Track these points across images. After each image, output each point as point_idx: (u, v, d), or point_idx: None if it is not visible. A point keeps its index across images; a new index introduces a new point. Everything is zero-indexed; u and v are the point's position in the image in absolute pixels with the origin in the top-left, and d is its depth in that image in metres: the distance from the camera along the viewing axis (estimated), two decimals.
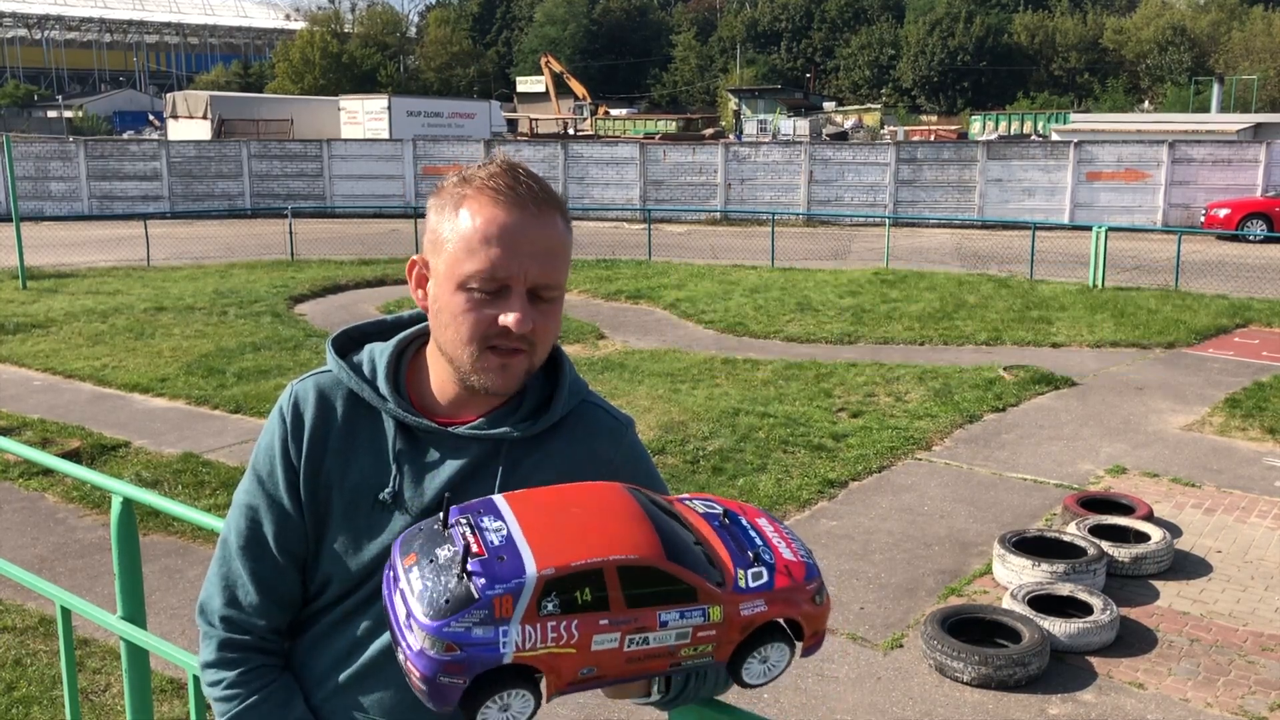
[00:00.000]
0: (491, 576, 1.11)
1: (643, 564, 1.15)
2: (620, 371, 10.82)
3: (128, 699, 2.53)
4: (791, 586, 1.22)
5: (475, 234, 1.39)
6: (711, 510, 1.33)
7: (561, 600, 1.12)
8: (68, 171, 28.06)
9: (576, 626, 1.12)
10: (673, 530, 1.23)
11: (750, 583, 1.21)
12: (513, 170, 1.43)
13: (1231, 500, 7.38)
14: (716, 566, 1.22)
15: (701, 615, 1.17)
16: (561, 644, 1.12)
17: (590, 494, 1.26)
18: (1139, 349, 12.37)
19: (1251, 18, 65.80)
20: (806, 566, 1.26)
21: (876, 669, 5.08)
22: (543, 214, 1.41)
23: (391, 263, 18.85)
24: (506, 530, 1.17)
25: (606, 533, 1.17)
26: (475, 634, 1.09)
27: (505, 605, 1.10)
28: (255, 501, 1.52)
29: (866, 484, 7.69)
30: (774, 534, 1.31)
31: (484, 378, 1.44)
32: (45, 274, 17.48)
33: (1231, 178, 25.52)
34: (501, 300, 1.40)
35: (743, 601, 1.19)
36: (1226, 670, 5.05)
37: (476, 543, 1.15)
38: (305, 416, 1.51)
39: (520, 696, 1.13)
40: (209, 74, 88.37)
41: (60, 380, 10.52)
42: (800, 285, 16.66)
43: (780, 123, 52.84)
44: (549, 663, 1.12)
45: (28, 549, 6.31)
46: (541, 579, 1.11)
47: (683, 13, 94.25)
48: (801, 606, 1.23)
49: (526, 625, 1.11)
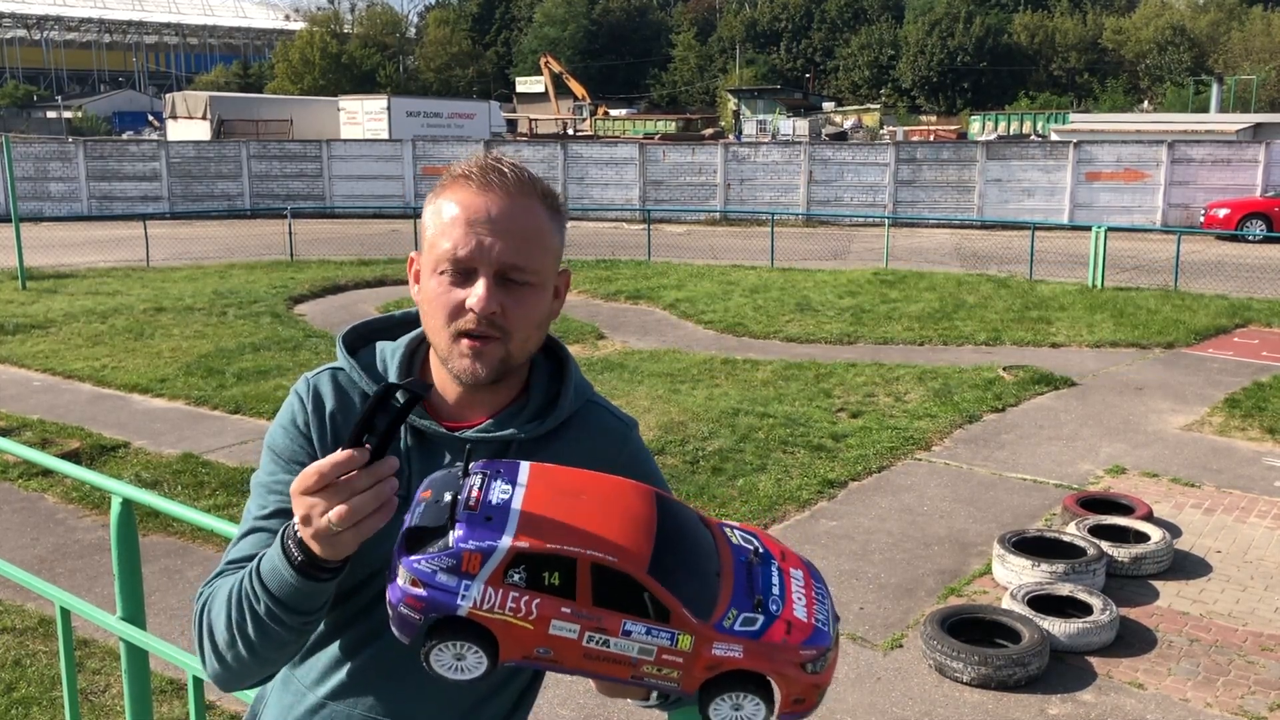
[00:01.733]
0: (471, 531, 1.14)
1: (617, 569, 1.14)
2: (620, 372, 10.82)
3: (127, 699, 2.53)
4: (780, 644, 1.17)
5: (445, 219, 1.41)
6: (746, 545, 1.29)
7: (528, 575, 1.13)
8: (67, 172, 28.06)
9: (537, 605, 1.13)
10: (681, 550, 1.21)
11: (737, 626, 1.17)
12: (492, 160, 1.44)
13: (1231, 500, 7.38)
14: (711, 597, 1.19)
15: (669, 638, 1.15)
16: (519, 616, 1.13)
17: (613, 489, 1.25)
18: (1138, 349, 12.37)
19: (1251, 18, 65.82)
20: (814, 631, 1.19)
21: (876, 669, 5.08)
22: (516, 198, 1.41)
23: (391, 263, 18.85)
24: (511, 496, 1.18)
25: (600, 529, 1.16)
26: (439, 578, 1.13)
27: (473, 562, 1.13)
28: (279, 476, 1.48)
29: (866, 484, 7.69)
30: (800, 589, 1.25)
31: (458, 365, 1.44)
32: (45, 274, 17.47)
33: (1231, 178, 25.52)
34: (470, 283, 1.40)
35: (718, 641, 1.16)
36: (1226, 670, 5.05)
37: (477, 496, 1.18)
38: (326, 402, 1.51)
39: (473, 651, 1.15)
40: (208, 74, 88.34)
41: (60, 381, 10.52)
42: (800, 285, 16.67)
43: (780, 123, 52.84)
44: (504, 629, 1.14)
45: (27, 549, 6.31)
46: (513, 549, 1.13)
47: (682, 13, 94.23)
48: (784, 668, 1.17)
49: (489, 587, 1.13)
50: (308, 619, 1.34)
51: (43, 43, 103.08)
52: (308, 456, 1.48)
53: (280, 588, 1.30)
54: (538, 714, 1.18)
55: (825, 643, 1.20)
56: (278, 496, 1.47)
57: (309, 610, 1.33)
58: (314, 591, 1.30)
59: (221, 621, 1.38)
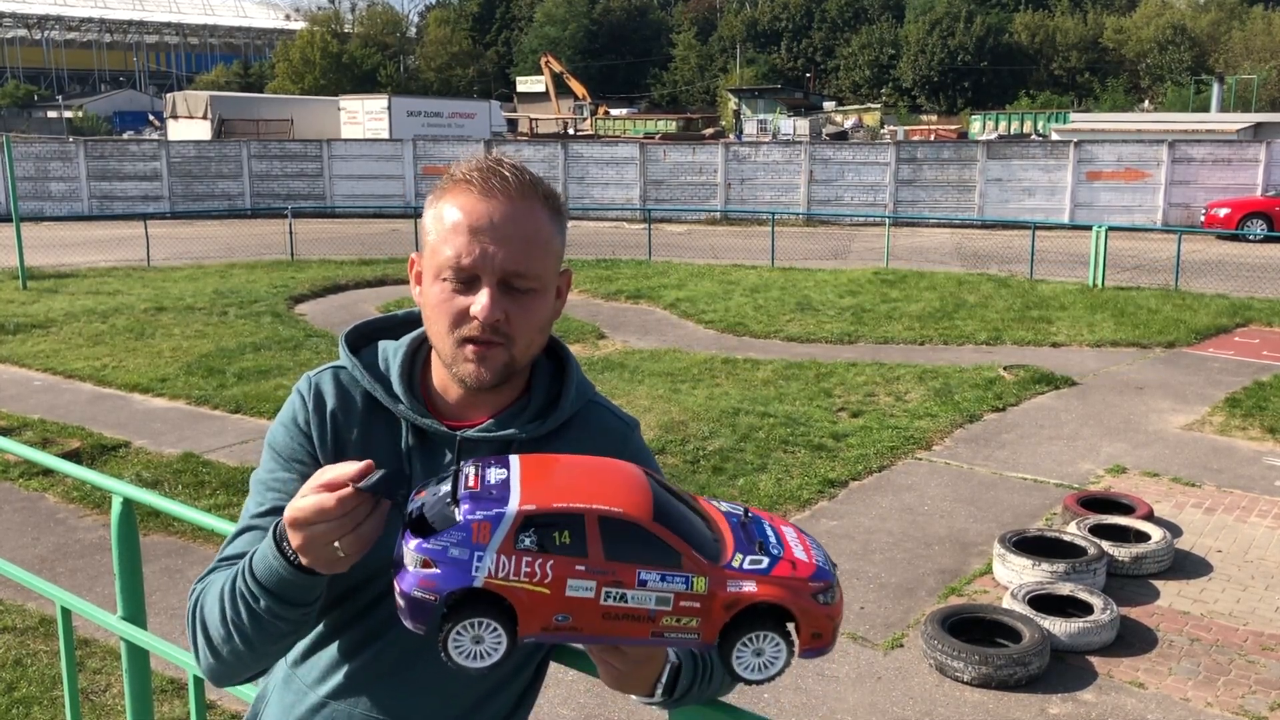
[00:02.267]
0: (476, 504, 1.15)
1: (625, 519, 1.15)
2: (620, 371, 10.82)
3: (128, 699, 2.53)
4: (790, 577, 1.20)
5: (447, 224, 1.41)
6: (735, 511, 1.33)
7: (539, 537, 1.14)
8: (68, 172, 28.06)
9: (551, 566, 1.13)
10: (674, 504, 1.23)
11: (745, 565, 1.20)
12: (493, 163, 1.43)
13: (1232, 500, 7.38)
14: (715, 543, 1.21)
15: (684, 582, 1.16)
16: (535, 581, 1.13)
17: (603, 462, 1.28)
18: (1139, 348, 12.37)
19: (1251, 17, 65.81)
20: (817, 567, 1.23)
21: (877, 668, 5.08)
22: (518, 203, 1.41)
23: (391, 263, 18.85)
24: (507, 476, 1.20)
25: (600, 489, 1.18)
26: (451, 554, 1.13)
27: (483, 531, 1.13)
28: (279, 474, 1.49)
29: (867, 484, 7.69)
30: (794, 538, 1.29)
31: (461, 370, 1.44)
32: (45, 274, 17.48)
33: (1231, 177, 25.52)
34: (473, 290, 1.40)
35: (730, 578, 1.18)
36: (1227, 670, 5.05)
37: (475, 480, 1.20)
38: (327, 401, 1.51)
39: (491, 630, 1.14)
40: (209, 74, 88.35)
41: (60, 380, 10.52)
42: (800, 285, 16.66)
43: (780, 122, 52.82)
44: (522, 598, 1.14)
45: (28, 549, 6.31)
46: (521, 513, 1.13)
47: (683, 12, 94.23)
48: (797, 598, 1.20)
49: (501, 555, 1.13)
50: (304, 610, 1.35)
51: (43, 42, 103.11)
52: (307, 455, 1.49)
53: (274, 581, 1.31)
54: (538, 714, 1.18)
55: (829, 578, 1.23)
56: (276, 494, 1.48)
57: (304, 602, 1.34)
58: (308, 584, 1.31)
59: (215, 616, 1.39)
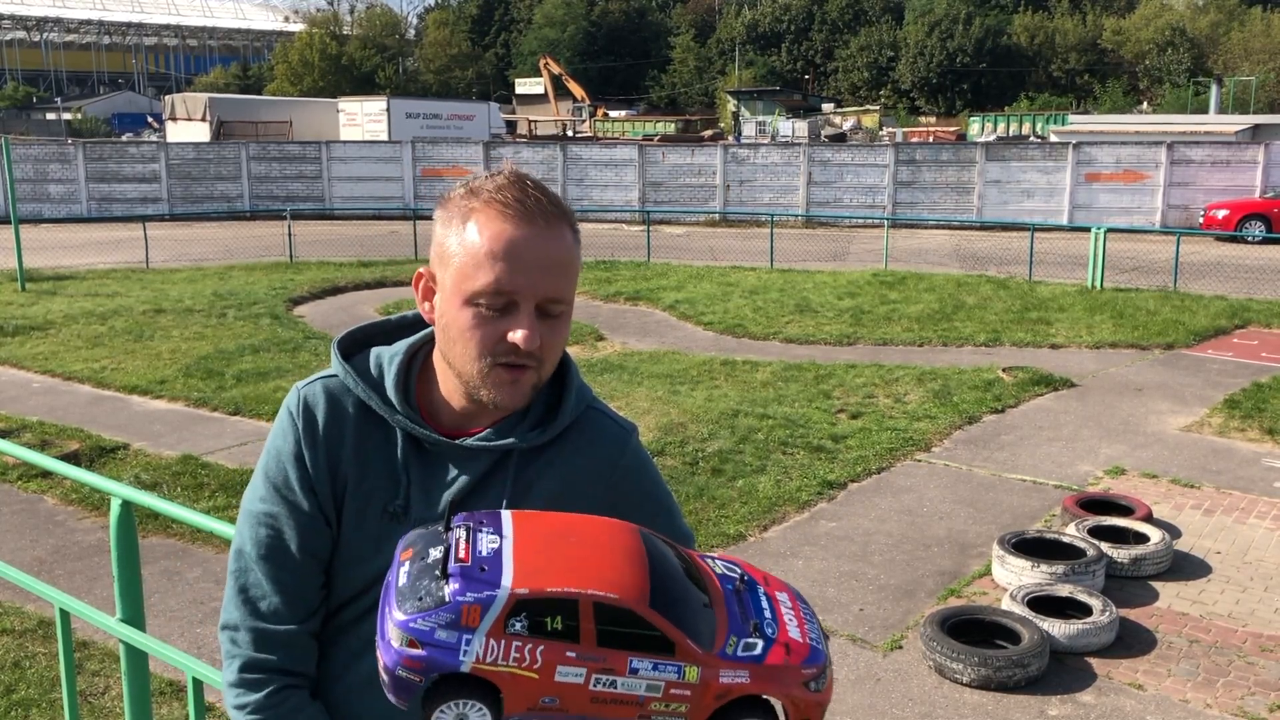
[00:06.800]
0: (467, 584, 1.11)
1: (619, 605, 1.12)
2: (619, 373, 10.82)
3: (127, 701, 2.53)
4: (783, 666, 1.17)
5: (482, 249, 1.36)
6: (730, 573, 1.29)
7: (530, 622, 1.11)
8: (66, 173, 28.05)
9: (541, 652, 1.11)
10: (673, 582, 1.20)
11: (739, 652, 1.17)
12: (521, 182, 1.40)
13: (1231, 501, 7.38)
14: (709, 628, 1.18)
15: (676, 672, 1.14)
16: (523, 666, 1.10)
17: (598, 528, 1.23)
18: (1138, 350, 12.37)
19: (1250, 18, 65.80)
20: (811, 650, 1.20)
21: (876, 670, 5.08)
22: (551, 227, 1.39)
23: (391, 264, 18.85)
24: (499, 544, 1.16)
25: (595, 567, 1.15)
26: (439, 636, 1.10)
27: (473, 614, 1.10)
28: (272, 508, 1.47)
29: (866, 485, 7.69)
30: (789, 611, 1.26)
31: (493, 393, 1.41)
32: (44, 276, 17.47)
33: (1230, 179, 25.52)
34: (510, 316, 1.38)
35: (724, 668, 1.15)
36: (1226, 671, 5.05)
37: (466, 549, 1.15)
38: (318, 418, 1.48)
39: (477, 709, 1.12)
40: (208, 76, 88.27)
41: (59, 382, 10.51)
42: (799, 286, 16.67)
43: (779, 124, 52.84)
44: (509, 682, 1.11)
45: (27, 551, 6.31)
46: (513, 596, 1.10)
47: (681, 14, 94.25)
48: (790, 689, 1.17)
49: (491, 639, 1.10)
50: None
51: (42, 44, 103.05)
52: (300, 483, 1.47)
53: None
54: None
55: (822, 660, 1.21)
56: (268, 531, 1.47)
57: None
58: None
59: None
